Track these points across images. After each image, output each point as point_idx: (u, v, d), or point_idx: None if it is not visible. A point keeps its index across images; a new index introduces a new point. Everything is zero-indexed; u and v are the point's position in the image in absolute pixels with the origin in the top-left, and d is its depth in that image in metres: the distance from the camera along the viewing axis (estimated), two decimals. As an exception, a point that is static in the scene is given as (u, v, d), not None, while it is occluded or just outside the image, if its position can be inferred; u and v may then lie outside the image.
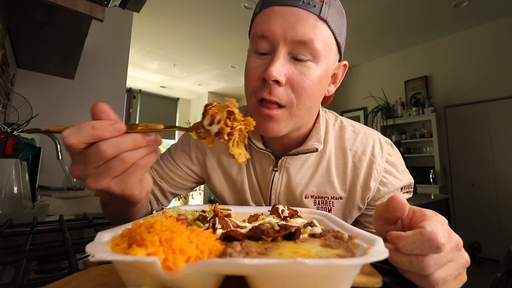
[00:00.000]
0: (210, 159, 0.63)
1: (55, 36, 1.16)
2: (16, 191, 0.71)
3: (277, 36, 0.44)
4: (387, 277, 0.29)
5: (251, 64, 0.48)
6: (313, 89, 0.47)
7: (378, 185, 0.54)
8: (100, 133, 0.29)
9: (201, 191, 6.06)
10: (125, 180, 0.32)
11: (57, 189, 1.58)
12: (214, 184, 0.64)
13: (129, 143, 0.30)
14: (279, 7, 0.45)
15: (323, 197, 0.56)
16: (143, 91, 6.07)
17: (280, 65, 0.44)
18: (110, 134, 0.29)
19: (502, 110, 3.30)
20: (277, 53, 0.45)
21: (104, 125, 0.29)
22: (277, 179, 0.57)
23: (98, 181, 0.30)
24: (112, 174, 0.31)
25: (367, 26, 3.52)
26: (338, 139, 0.58)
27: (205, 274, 0.19)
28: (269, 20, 0.45)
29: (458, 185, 3.60)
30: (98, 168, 0.30)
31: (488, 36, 3.47)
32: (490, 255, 3.17)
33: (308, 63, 0.46)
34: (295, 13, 0.44)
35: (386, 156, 0.55)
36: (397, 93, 4.25)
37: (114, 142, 0.29)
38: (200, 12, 3.22)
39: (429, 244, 0.24)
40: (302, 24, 0.44)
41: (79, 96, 2.00)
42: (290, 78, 0.46)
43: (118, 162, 0.30)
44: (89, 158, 0.29)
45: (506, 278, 0.26)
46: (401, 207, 0.30)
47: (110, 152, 0.29)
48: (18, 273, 0.32)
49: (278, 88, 0.46)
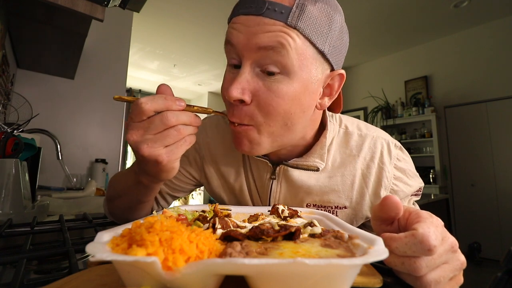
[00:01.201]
0: (208, 164, 0.61)
1: (55, 36, 1.16)
2: (16, 191, 0.70)
3: (241, 45, 0.41)
4: (387, 277, 0.29)
5: (224, 78, 0.45)
6: (285, 107, 0.41)
7: (388, 193, 0.49)
8: (170, 104, 0.36)
9: (201, 191, 6.06)
10: (174, 151, 0.37)
11: (57, 189, 1.59)
12: (213, 188, 0.63)
13: (187, 118, 0.37)
14: (244, 17, 0.41)
15: (326, 207, 0.53)
16: (143, 91, 6.07)
17: (244, 80, 0.41)
18: (176, 107, 0.36)
19: (502, 110, 3.30)
20: (242, 66, 0.41)
21: (173, 99, 0.36)
22: (275, 187, 0.54)
23: (153, 147, 0.36)
24: (167, 142, 0.36)
25: (367, 26, 3.52)
26: (343, 146, 0.54)
27: (205, 274, 0.19)
28: (235, 29, 0.42)
29: (458, 185, 3.60)
30: (157, 135, 0.36)
31: (488, 36, 3.47)
32: (490, 255, 3.17)
33: (277, 77, 0.40)
34: (259, 22, 0.39)
35: (394, 162, 0.52)
36: (397, 93, 4.26)
37: (177, 114, 0.36)
38: (200, 12, 3.22)
39: (421, 246, 0.25)
40: (264, 32, 0.39)
41: (79, 96, 2.00)
42: (255, 94, 0.41)
43: (175, 131, 0.36)
44: (153, 124, 0.35)
45: (506, 278, 0.26)
46: (395, 207, 0.30)
47: (173, 121, 0.35)
48: (18, 273, 0.32)
49: (243, 107, 0.42)
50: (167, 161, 0.37)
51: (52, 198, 1.09)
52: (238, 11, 0.42)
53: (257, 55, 0.40)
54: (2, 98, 1.23)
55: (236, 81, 0.40)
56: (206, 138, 0.61)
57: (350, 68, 4.94)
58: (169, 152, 0.37)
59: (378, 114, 4.21)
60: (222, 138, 0.60)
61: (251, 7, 0.40)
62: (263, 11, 0.39)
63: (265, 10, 0.39)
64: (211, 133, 0.62)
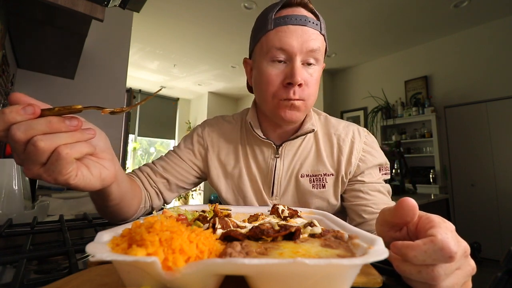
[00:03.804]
0: (211, 154, 0.71)
1: (55, 36, 1.16)
2: (16, 191, 0.70)
3: (295, 49, 0.55)
4: (387, 277, 0.29)
5: (269, 71, 0.58)
6: (316, 85, 0.60)
7: (358, 162, 0.64)
8: (10, 117, 0.28)
9: (201, 191, 6.07)
10: (52, 169, 0.30)
11: (57, 189, 1.58)
12: (212, 177, 0.70)
13: (41, 125, 0.28)
14: (293, 26, 0.56)
15: (317, 175, 0.64)
16: (143, 91, 6.07)
17: (301, 72, 0.56)
18: (22, 117, 0.28)
19: (502, 110, 3.30)
20: (295, 62, 0.56)
21: (15, 109, 0.28)
22: (279, 165, 0.66)
23: (28, 169, 0.30)
24: (35, 161, 0.30)
25: (367, 26, 3.52)
26: (324, 127, 0.70)
27: (205, 274, 0.19)
28: (286, 36, 0.56)
29: (458, 185, 3.60)
30: (22, 155, 0.29)
31: (488, 36, 3.47)
32: (490, 255, 3.17)
33: (314, 67, 0.59)
34: (306, 31, 0.56)
35: (364, 140, 0.66)
36: (397, 93, 4.25)
37: (24, 124, 0.28)
38: (200, 12, 3.21)
39: (441, 253, 0.23)
40: (312, 39, 0.56)
41: (79, 96, 1.99)
42: (305, 79, 0.57)
43: (31, 147, 0.28)
44: (11, 146, 0.29)
45: (506, 278, 0.26)
46: (411, 211, 0.28)
47: (19, 134, 0.28)
48: (18, 273, 0.32)
49: (299, 88, 0.57)
50: (53, 180, 0.31)
51: (52, 198, 1.08)
52: (287, 22, 0.56)
53: (304, 55, 0.56)
54: (2, 98, 1.22)
55: (297, 72, 0.55)
56: (209, 132, 0.73)
57: (350, 68, 4.94)
58: (48, 170, 0.30)
59: (378, 114, 4.21)
60: (221, 132, 0.73)
61: (297, 20, 0.56)
62: (308, 23, 0.56)
63: (308, 23, 0.56)
64: (213, 128, 0.74)
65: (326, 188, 0.64)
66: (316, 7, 0.62)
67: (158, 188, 0.68)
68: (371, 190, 0.62)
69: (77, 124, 0.31)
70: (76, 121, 0.31)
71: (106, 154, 0.39)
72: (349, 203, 0.64)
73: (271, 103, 0.60)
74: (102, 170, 0.37)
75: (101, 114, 0.35)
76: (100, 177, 0.37)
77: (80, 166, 0.34)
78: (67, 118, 0.30)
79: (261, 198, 0.67)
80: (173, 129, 6.61)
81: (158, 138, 6.41)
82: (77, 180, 0.33)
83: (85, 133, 0.32)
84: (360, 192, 0.62)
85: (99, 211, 0.55)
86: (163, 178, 0.68)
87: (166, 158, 0.71)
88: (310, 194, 0.64)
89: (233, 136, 0.72)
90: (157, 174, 0.68)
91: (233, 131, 0.73)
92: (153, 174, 0.68)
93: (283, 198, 0.66)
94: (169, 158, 0.71)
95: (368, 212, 0.60)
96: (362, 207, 0.61)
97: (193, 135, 0.74)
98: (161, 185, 0.68)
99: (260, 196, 0.67)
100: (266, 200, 0.66)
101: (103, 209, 0.52)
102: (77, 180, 0.33)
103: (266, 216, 0.40)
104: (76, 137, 0.31)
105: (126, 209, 0.54)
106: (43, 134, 0.29)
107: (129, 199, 0.53)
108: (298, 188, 0.65)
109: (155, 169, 0.68)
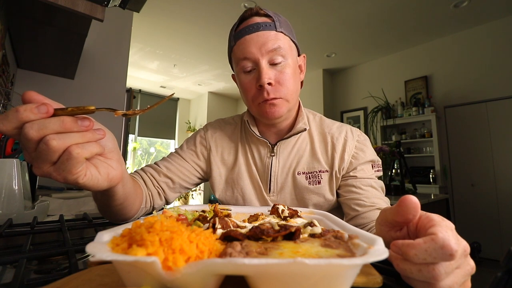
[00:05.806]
0: (214, 155, 0.74)
1: (55, 36, 1.16)
2: (16, 191, 0.70)
3: (256, 54, 0.60)
4: (387, 277, 0.29)
5: (244, 80, 0.64)
6: (291, 80, 0.63)
7: (350, 158, 0.67)
8: (24, 115, 0.28)
9: (201, 191, 6.06)
10: (62, 168, 0.31)
11: (57, 189, 1.58)
12: (214, 176, 0.73)
13: (54, 125, 0.29)
14: (249, 35, 0.61)
15: (313, 172, 0.67)
16: (143, 91, 6.07)
17: (267, 72, 0.60)
18: (35, 116, 0.28)
19: (502, 110, 3.30)
20: (260, 65, 0.60)
21: (29, 108, 0.28)
22: (275, 163, 0.69)
23: (38, 167, 0.31)
24: (46, 160, 0.30)
25: (367, 26, 3.52)
26: (319, 126, 0.73)
27: (205, 274, 0.19)
28: (245, 46, 0.61)
29: (458, 185, 3.60)
30: (33, 154, 0.30)
31: (488, 36, 3.47)
32: (490, 255, 3.17)
33: (283, 63, 0.62)
34: (262, 35, 0.60)
35: (356, 138, 0.69)
36: (397, 93, 4.25)
37: (37, 123, 0.28)
38: (200, 12, 3.22)
39: (442, 251, 0.24)
40: (270, 40, 0.60)
41: (79, 96, 1.99)
42: (275, 78, 0.61)
43: (43, 145, 0.29)
44: (22, 144, 0.29)
45: (506, 278, 0.26)
46: (414, 208, 0.28)
47: (32, 133, 0.28)
48: (18, 273, 0.32)
49: (271, 88, 0.61)
50: (63, 179, 0.32)
51: (52, 198, 1.08)
52: (243, 34, 0.61)
53: (267, 56, 0.60)
54: (2, 98, 1.22)
55: (262, 73, 0.59)
56: (212, 134, 0.76)
57: (350, 68, 4.94)
58: (58, 169, 0.31)
59: (378, 114, 4.21)
60: (223, 133, 0.77)
61: (251, 29, 0.61)
62: (261, 28, 0.60)
63: (260, 27, 0.61)
64: (215, 129, 0.77)
65: (322, 184, 0.66)
66: (316, 7, 0.64)
67: (161, 187, 0.69)
68: (364, 185, 0.64)
69: (88, 125, 0.31)
70: (88, 121, 0.31)
71: (113, 154, 0.39)
72: (343, 198, 0.66)
73: (254, 106, 0.65)
74: (110, 170, 0.38)
75: (114, 116, 0.35)
76: (108, 177, 0.38)
77: (89, 166, 0.35)
78: (79, 119, 0.31)
79: (260, 194, 0.69)
80: (173, 129, 6.61)
81: (158, 138, 6.41)
82: (86, 180, 0.34)
83: (95, 133, 0.33)
84: (353, 186, 0.64)
85: (101, 210, 0.55)
86: (167, 178, 0.69)
87: (169, 159, 0.73)
88: (307, 190, 0.66)
89: (234, 136, 0.76)
90: (160, 174, 0.69)
91: (234, 131, 0.76)
92: (157, 174, 0.69)
93: (280, 195, 0.68)
94: (172, 159, 0.72)
95: (361, 205, 0.61)
96: (355, 200, 0.63)
97: (196, 137, 0.76)
98: (164, 185, 0.69)
99: (259, 192, 0.70)
100: (264, 196, 0.69)
101: (106, 208, 0.52)
102: (86, 180, 0.34)
103: (266, 216, 0.40)
104: (87, 137, 0.32)
105: (129, 209, 0.55)
106: (56, 133, 0.29)
107: (132, 199, 0.54)
108: (295, 185, 0.68)
109: (158, 169, 0.70)
